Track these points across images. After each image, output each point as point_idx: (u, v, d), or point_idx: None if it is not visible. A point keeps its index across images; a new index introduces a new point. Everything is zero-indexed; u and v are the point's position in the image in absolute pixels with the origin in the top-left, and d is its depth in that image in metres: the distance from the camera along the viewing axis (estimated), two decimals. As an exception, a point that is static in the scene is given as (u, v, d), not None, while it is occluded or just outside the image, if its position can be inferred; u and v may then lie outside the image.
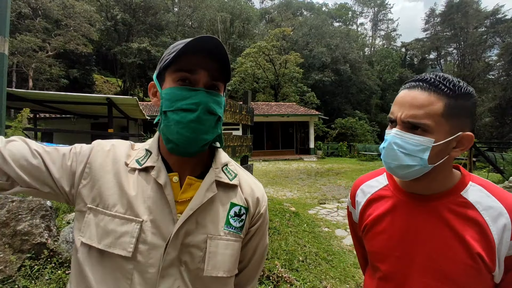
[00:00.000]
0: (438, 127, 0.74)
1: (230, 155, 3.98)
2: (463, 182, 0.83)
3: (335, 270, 3.63)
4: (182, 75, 0.71)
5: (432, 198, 0.83)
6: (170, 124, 0.70)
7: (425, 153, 0.75)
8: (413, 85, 0.79)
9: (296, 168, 16.02)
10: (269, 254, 3.40)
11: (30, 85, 21.33)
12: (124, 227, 0.68)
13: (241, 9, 36.83)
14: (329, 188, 10.13)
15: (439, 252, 0.79)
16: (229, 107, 3.93)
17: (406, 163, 0.77)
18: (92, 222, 0.69)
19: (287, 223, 5.08)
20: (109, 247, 0.67)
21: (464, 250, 0.76)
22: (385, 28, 58.01)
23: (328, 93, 33.97)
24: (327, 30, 36.70)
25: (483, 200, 0.78)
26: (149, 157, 0.76)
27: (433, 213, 0.82)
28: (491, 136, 28.40)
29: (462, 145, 0.78)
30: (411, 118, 0.75)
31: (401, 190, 0.90)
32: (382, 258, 0.90)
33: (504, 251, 0.74)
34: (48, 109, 9.80)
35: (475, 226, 0.77)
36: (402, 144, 0.77)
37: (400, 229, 0.86)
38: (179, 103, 0.69)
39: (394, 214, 0.88)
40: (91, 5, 26.00)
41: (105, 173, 0.73)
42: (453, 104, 0.74)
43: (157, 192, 0.72)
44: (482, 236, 0.75)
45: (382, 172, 0.99)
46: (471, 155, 8.81)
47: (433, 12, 38.46)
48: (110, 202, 0.70)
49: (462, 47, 34.56)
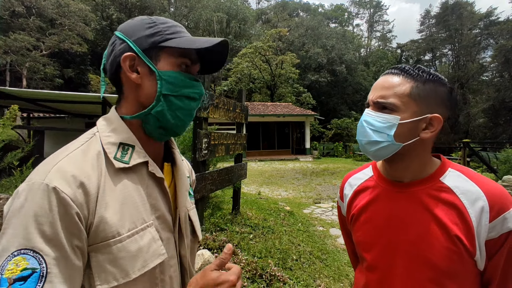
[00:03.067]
0: (405, 107, 0.79)
1: (223, 153, 3.96)
2: (443, 169, 0.85)
3: (329, 269, 3.62)
4: (187, 62, 0.70)
5: (412, 184, 0.85)
6: (172, 109, 0.67)
7: (391, 130, 0.79)
8: (386, 72, 0.86)
9: (292, 168, 16.03)
10: (262, 253, 3.39)
11: (24, 84, 21.08)
12: (145, 238, 0.62)
13: (238, 9, 36.77)
14: (324, 187, 10.14)
15: (421, 238, 0.80)
16: (223, 104, 3.90)
17: (374, 139, 0.82)
18: (104, 262, 0.57)
19: (281, 222, 5.07)
20: (145, 266, 0.61)
21: (443, 233, 0.77)
22: (380, 29, 58.41)
23: (324, 94, 34.06)
24: (323, 31, 36.82)
25: (461, 184, 0.80)
26: (132, 151, 0.66)
27: (413, 199, 0.83)
28: (484, 136, 28.60)
29: (432, 127, 0.80)
30: (380, 98, 0.81)
31: (384, 178, 0.92)
32: (368, 248, 0.91)
33: (484, 235, 0.74)
34: (42, 108, 9.69)
35: (453, 209, 0.78)
36: (371, 121, 0.83)
37: (384, 217, 0.88)
38: (185, 90, 0.68)
39: (377, 202, 0.91)
40: (86, 4, 25.79)
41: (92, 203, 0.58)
42: (421, 87, 0.79)
43: (157, 187, 0.69)
44: (461, 219, 0.76)
45: (369, 165, 1.03)
46: (465, 155, 8.87)
47: (428, 13, 38.70)
48: (117, 226, 0.59)
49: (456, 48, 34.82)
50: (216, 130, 4.67)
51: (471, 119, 30.23)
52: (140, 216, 0.63)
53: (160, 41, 0.66)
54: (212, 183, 3.61)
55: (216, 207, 4.87)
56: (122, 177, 0.63)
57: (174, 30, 0.68)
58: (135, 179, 0.65)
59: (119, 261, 0.57)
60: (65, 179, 0.55)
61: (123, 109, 0.70)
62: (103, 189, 0.59)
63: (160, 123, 0.68)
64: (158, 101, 0.66)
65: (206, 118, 3.49)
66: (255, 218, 4.77)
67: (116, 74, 0.69)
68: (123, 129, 0.67)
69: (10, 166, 4.00)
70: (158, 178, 0.69)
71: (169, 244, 0.69)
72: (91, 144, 0.64)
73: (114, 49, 0.68)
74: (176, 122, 0.69)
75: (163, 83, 0.66)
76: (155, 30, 0.67)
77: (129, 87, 0.69)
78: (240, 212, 4.84)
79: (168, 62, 0.67)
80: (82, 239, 0.55)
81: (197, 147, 3.25)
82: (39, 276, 0.49)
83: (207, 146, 3.44)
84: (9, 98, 7.14)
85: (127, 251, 0.58)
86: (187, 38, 0.68)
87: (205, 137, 3.38)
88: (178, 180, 0.75)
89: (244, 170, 4.84)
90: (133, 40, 0.66)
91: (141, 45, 0.66)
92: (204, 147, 3.35)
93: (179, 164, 0.77)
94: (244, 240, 3.61)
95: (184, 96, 0.69)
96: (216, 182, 3.72)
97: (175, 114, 0.68)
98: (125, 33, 0.68)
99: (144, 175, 0.67)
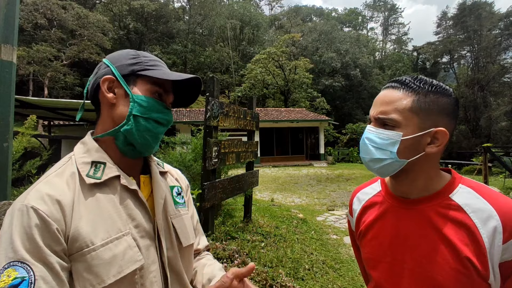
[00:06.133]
0: (407, 122, 0.76)
1: (234, 161, 3.95)
2: (452, 185, 0.80)
3: (343, 279, 3.53)
4: (159, 91, 0.78)
5: (420, 201, 0.81)
6: (139, 129, 0.74)
7: (394, 147, 0.77)
8: (387, 86, 0.84)
9: (306, 174, 15.88)
10: (273, 262, 3.34)
11: (46, 93, 21.93)
12: (120, 245, 0.67)
13: (251, 16, 37.13)
14: (339, 194, 9.98)
15: (428, 257, 0.76)
16: (233, 112, 3.91)
17: (377, 156, 0.80)
18: (81, 269, 0.63)
19: (294, 230, 5.01)
20: (120, 272, 0.65)
21: (452, 254, 0.72)
22: (396, 32, 57.48)
23: (339, 98, 33.72)
24: (337, 36, 36.59)
25: (472, 202, 0.75)
26: (104, 168, 0.72)
27: (421, 217, 0.80)
28: (507, 140, 27.46)
29: (437, 140, 0.77)
30: (381, 114, 0.79)
31: (391, 194, 0.89)
32: (374, 265, 0.88)
33: (497, 257, 0.69)
34: (61, 116, 10.02)
35: (463, 229, 0.73)
36: (373, 138, 0.80)
37: (390, 234, 0.84)
38: (154, 114, 0.76)
39: (384, 219, 0.88)
40: (104, 15, 26.71)
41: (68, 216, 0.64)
42: (422, 99, 0.76)
43: (132, 198, 0.74)
44: (471, 239, 0.71)
45: (378, 179, 1.00)
46: (486, 160, 8.55)
47: (445, 15, 37.78)
48: (90, 236, 0.64)
49: (476, 50, 33.77)
50: (228, 136, 4.68)
51: (492, 122, 29.08)
52: (115, 226, 0.68)
53: (138, 70, 0.75)
54: (222, 191, 3.60)
55: (227, 214, 4.86)
56: (95, 192, 0.69)
57: (153, 63, 0.78)
58: (108, 192, 0.71)
59: (93, 269, 0.63)
60: (41, 199, 0.62)
61: (99, 129, 0.77)
62: (78, 203, 0.66)
63: (128, 141, 0.75)
64: (128, 120, 0.73)
65: (216, 126, 3.50)
66: (267, 225, 4.73)
67: (95, 94, 0.77)
68: (96, 149, 0.74)
69: (29, 174, 4.15)
70: (131, 190, 0.74)
71: (149, 251, 0.73)
72: (67, 167, 0.71)
73: (98, 72, 0.78)
74: (143, 142, 0.75)
75: (135, 105, 0.73)
76: (137, 61, 0.76)
77: (105, 107, 0.76)
78: (252, 219, 4.81)
79: (143, 88, 0.75)
80: (62, 250, 0.62)
81: (207, 155, 3.26)
82: (29, 283, 0.56)
83: (217, 154, 3.44)
84: (31, 107, 7.45)
85: (100, 259, 0.64)
86: (164, 71, 0.78)
87: (215, 146, 3.38)
88: (154, 190, 0.81)
89: (255, 177, 4.82)
90: (115, 66, 0.76)
91: (122, 71, 0.75)
92: (214, 155, 3.35)
93: (154, 176, 0.83)
94: (255, 248, 3.57)
95: (153, 120, 0.76)
96: (227, 190, 3.71)
97: (142, 134, 0.74)
98: (110, 60, 0.77)
99: (118, 188, 0.73)
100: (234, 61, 31.76)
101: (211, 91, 3.41)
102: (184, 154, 4.54)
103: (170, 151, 4.87)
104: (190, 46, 31.24)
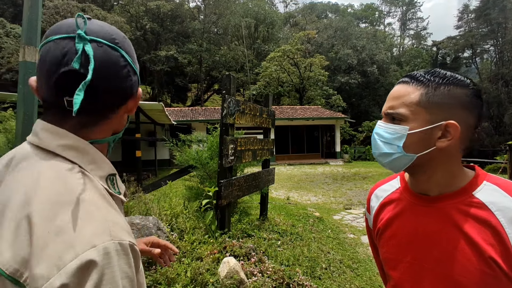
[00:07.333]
0: (414, 116, 0.75)
1: (250, 159, 3.95)
2: (476, 182, 0.76)
3: (360, 279, 3.48)
4: None
5: (440, 198, 0.78)
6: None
7: (400, 141, 0.76)
8: (399, 81, 0.82)
9: (322, 172, 15.73)
10: (290, 261, 3.32)
11: (67, 94, 22.65)
12: None
13: (265, 14, 36.98)
14: (355, 193, 9.83)
15: (449, 257, 0.72)
16: (249, 110, 3.90)
17: (385, 151, 0.80)
18: None
19: (310, 229, 4.97)
20: None
21: (475, 254, 0.69)
22: (414, 27, 55.88)
23: (355, 96, 33.19)
24: (353, 32, 35.98)
25: (497, 200, 0.71)
26: (115, 180, 0.67)
27: (441, 215, 0.76)
28: (535, 137, 26.32)
29: (449, 134, 0.73)
30: (389, 109, 0.79)
31: (410, 191, 0.86)
32: (393, 265, 0.85)
33: None
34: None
35: (488, 228, 0.69)
36: (382, 133, 0.80)
37: (408, 232, 0.82)
38: None
39: (403, 217, 0.85)
40: (121, 16, 27.22)
41: None
42: (432, 92, 0.74)
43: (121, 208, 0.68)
44: (496, 239, 0.68)
45: (397, 176, 0.97)
46: (511, 158, 8.21)
47: (467, 8, 36.44)
48: None
49: (500, 43, 32.41)
50: (244, 134, 4.68)
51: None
52: None
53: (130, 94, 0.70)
54: (238, 189, 3.61)
55: (243, 212, 4.87)
56: (120, 206, 0.66)
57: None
58: (119, 203, 0.65)
59: None
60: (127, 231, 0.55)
61: (97, 134, 0.65)
62: None
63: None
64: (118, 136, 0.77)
65: (233, 124, 3.50)
66: (283, 224, 4.71)
67: None
68: (101, 159, 0.64)
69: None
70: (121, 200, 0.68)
71: None
72: (93, 184, 0.58)
73: None
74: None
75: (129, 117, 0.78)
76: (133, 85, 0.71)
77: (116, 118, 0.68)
78: (268, 217, 4.80)
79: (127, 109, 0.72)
80: None
81: (223, 153, 3.26)
82: None
83: (234, 152, 3.44)
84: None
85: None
86: None
87: (231, 143, 3.39)
88: None
89: (271, 175, 4.80)
90: None
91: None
92: (230, 153, 3.36)
93: None
94: (272, 247, 3.56)
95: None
96: (243, 188, 3.71)
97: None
98: None
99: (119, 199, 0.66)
100: (248, 59, 31.73)
101: (228, 89, 3.41)
102: (200, 152, 4.57)
103: (186, 149, 4.92)
104: (205, 45, 31.40)
